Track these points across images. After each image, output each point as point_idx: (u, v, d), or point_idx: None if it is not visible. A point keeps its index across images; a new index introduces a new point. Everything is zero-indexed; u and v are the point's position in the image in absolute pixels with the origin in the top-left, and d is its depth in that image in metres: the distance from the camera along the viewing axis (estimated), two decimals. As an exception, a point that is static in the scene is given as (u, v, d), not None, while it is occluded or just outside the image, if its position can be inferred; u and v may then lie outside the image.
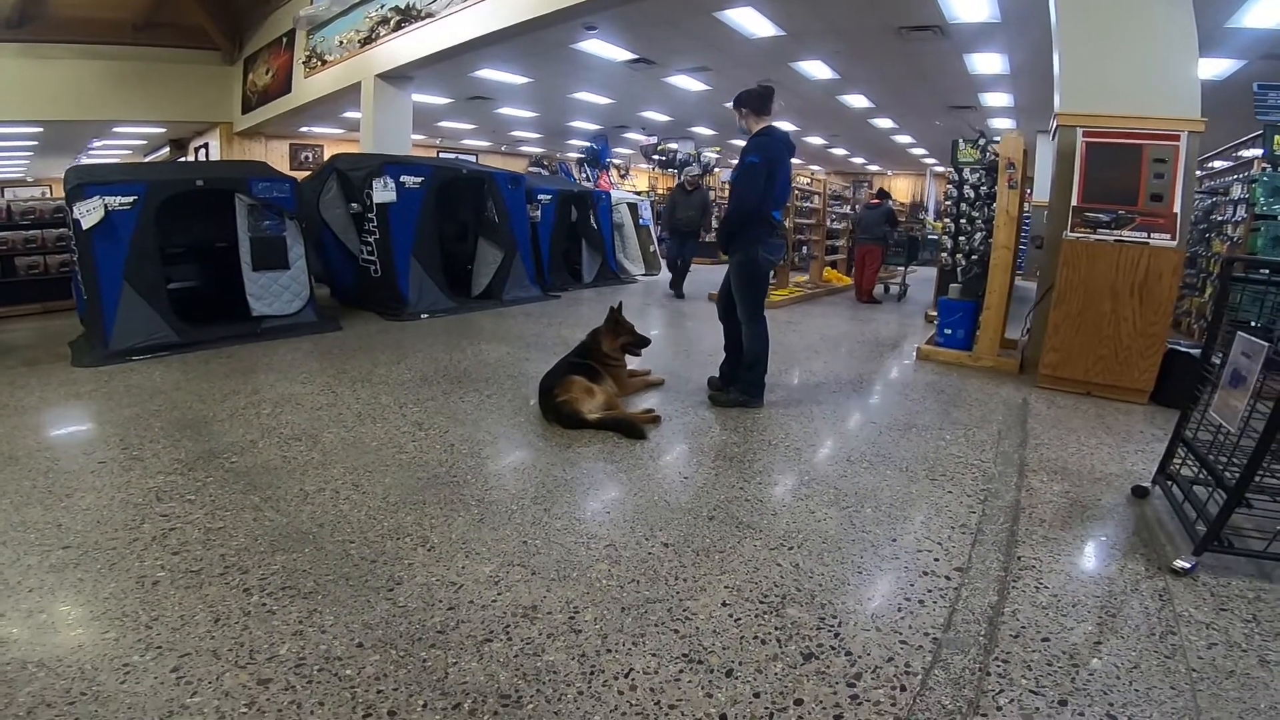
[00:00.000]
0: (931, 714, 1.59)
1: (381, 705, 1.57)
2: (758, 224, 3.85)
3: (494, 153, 21.19)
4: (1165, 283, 4.30)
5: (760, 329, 3.98)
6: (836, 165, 24.23)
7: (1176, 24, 4.58)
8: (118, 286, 4.96)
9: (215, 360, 4.95)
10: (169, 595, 1.98)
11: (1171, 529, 2.61)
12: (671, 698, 1.62)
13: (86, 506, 2.57)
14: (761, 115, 3.89)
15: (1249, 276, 2.82)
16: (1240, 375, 2.32)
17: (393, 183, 6.66)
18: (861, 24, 8.24)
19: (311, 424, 3.59)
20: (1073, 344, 4.57)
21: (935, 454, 3.40)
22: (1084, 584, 2.23)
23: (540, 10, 7.49)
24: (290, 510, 2.58)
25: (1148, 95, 4.59)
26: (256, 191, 5.66)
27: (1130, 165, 4.43)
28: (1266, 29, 6.81)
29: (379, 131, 10.25)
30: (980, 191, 6.06)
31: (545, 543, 2.37)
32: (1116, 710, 1.61)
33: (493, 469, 3.08)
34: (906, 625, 1.94)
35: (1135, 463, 3.36)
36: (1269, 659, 1.83)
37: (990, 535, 2.53)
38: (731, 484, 2.95)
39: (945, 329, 5.73)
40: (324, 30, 11.34)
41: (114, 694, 1.58)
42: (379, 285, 6.96)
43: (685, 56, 10.19)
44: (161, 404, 3.90)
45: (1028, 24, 7.30)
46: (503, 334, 6.23)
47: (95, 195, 4.87)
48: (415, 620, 1.89)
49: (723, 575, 2.18)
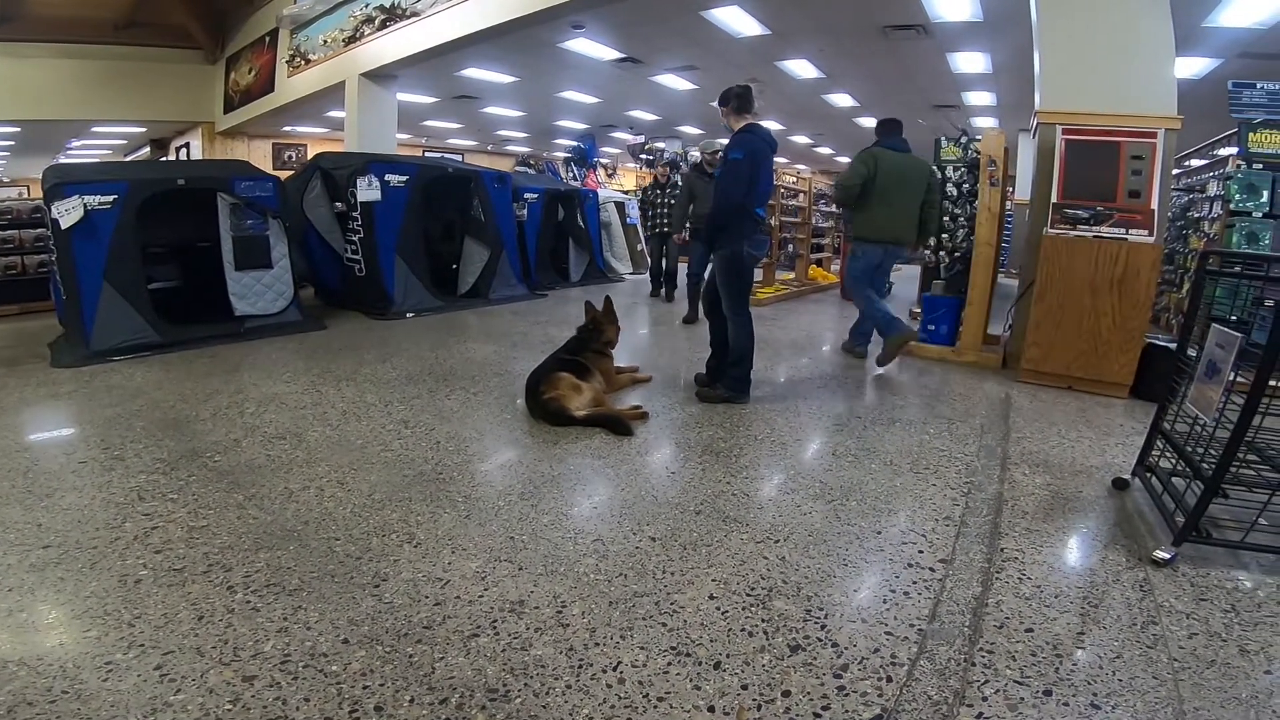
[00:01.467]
0: (918, 705, 1.60)
1: (368, 701, 1.56)
2: (742, 220, 3.87)
3: (480, 152, 21.11)
4: (1143, 278, 4.36)
5: (745, 325, 4.00)
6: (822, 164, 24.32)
7: (1154, 24, 4.64)
8: (98, 286, 4.89)
9: (198, 360, 4.90)
10: (152, 593, 1.97)
11: (1151, 520, 2.65)
12: (660, 690, 1.63)
13: (67, 506, 2.54)
14: (743, 113, 3.93)
15: (1224, 271, 2.87)
16: (1215, 367, 2.36)
17: (377, 181, 6.62)
18: (847, 23, 8.30)
19: (296, 423, 3.57)
20: (1054, 339, 4.62)
21: (919, 447, 3.43)
22: (1066, 575, 2.26)
23: (527, 9, 7.48)
24: (274, 508, 2.56)
25: (1126, 93, 4.65)
26: (239, 190, 5.61)
27: (1109, 162, 4.49)
28: (1242, 28, 6.93)
29: (363, 131, 10.20)
30: (963, 189, 6.12)
31: (532, 538, 2.36)
32: (1100, 700, 1.63)
33: (479, 466, 3.08)
34: (892, 617, 1.96)
35: (1115, 455, 3.40)
36: (1248, 649, 1.86)
37: (974, 527, 2.55)
38: (718, 479, 2.96)
39: (929, 325, 5.78)
40: (308, 29, 11.26)
41: (96, 692, 1.56)
42: (364, 284, 6.91)
43: (672, 55, 10.21)
44: (143, 404, 3.85)
45: (1009, 23, 7.38)
46: (489, 332, 6.21)
47: (74, 195, 4.80)
48: (401, 616, 1.89)
49: (710, 569, 2.19)
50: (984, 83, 10.76)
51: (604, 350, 4.19)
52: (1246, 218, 4.87)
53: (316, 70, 11.18)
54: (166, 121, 14.74)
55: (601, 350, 4.17)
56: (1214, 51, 7.68)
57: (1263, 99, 4.98)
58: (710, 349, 4.29)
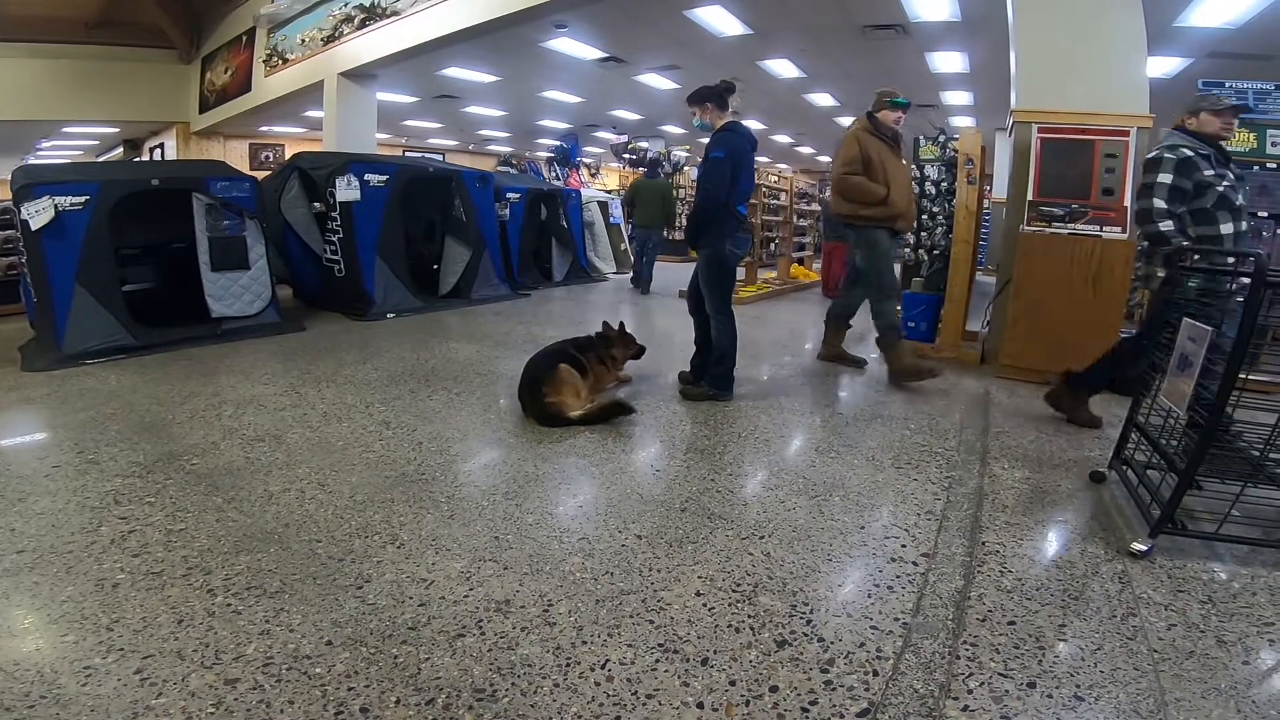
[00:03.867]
0: (904, 698, 1.62)
1: (353, 702, 1.55)
2: (724, 219, 3.88)
3: (461, 152, 20.97)
4: (1117, 274, 4.43)
5: (728, 323, 4.02)
6: (803, 163, 24.45)
7: (1127, 23, 4.73)
8: (70, 289, 4.79)
9: (174, 363, 4.82)
10: (130, 597, 1.93)
11: (1128, 513, 2.69)
12: (648, 687, 1.63)
13: (40, 511, 2.49)
14: (723, 111, 3.95)
15: (1196, 267, 2.93)
16: (1187, 360, 2.40)
17: (357, 181, 6.55)
18: (827, 22, 8.35)
19: (275, 425, 3.53)
20: (1031, 335, 4.68)
21: (901, 443, 3.46)
22: (1046, 568, 2.29)
23: (509, 8, 7.45)
24: (254, 511, 2.53)
25: (1100, 92, 4.73)
26: (215, 191, 5.52)
27: (1083, 160, 4.57)
28: (1212, 28, 7.06)
29: (342, 130, 10.09)
30: (941, 187, 6.17)
31: (517, 537, 2.35)
32: (1084, 692, 1.65)
33: (462, 466, 3.06)
34: (877, 611, 1.97)
35: (1092, 449, 3.45)
36: (1226, 640, 1.89)
37: (955, 521, 2.58)
38: (703, 476, 2.96)
39: (909, 322, 5.84)
40: (285, 29, 11.13)
41: (75, 697, 1.53)
42: (343, 285, 6.84)
43: (655, 55, 10.21)
44: (118, 407, 3.78)
45: (987, 23, 7.47)
46: (471, 332, 6.17)
47: (45, 195, 4.70)
48: (386, 617, 1.87)
49: (696, 565, 2.19)
50: (962, 82, 10.88)
51: (606, 361, 4.15)
52: (1217, 215, 4.97)
53: (294, 70, 11.04)
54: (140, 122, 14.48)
55: (604, 360, 4.12)
56: (1185, 51, 7.83)
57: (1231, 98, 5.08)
58: (694, 347, 4.30)
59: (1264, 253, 2.30)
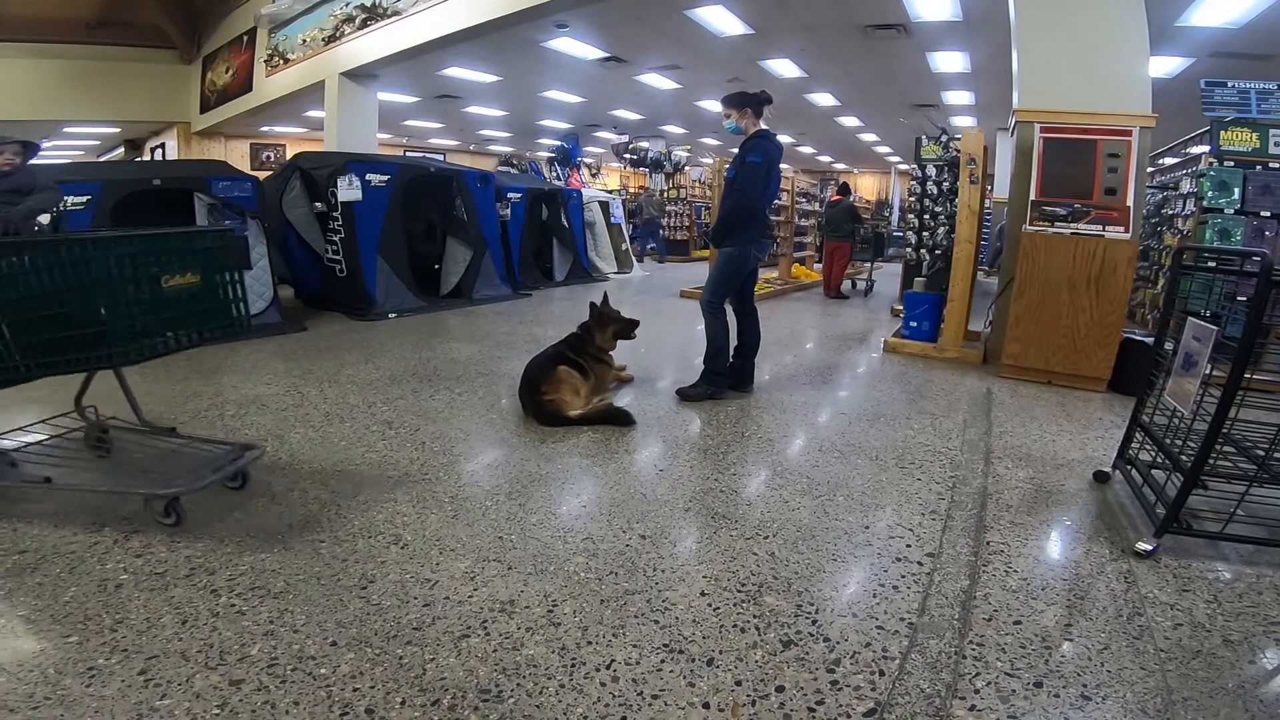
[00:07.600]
0: (911, 698, 1.61)
1: (359, 703, 1.54)
2: (754, 222, 4.00)
3: (462, 151, 21.00)
4: (1120, 274, 4.43)
5: (720, 319, 4.09)
6: (804, 163, 24.49)
7: (1129, 23, 4.73)
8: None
9: (174, 363, 4.80)
10: (133, 598, 1.93)
11: (1133, 512, 2.69)
12: (654, 688, 1.62)
13: (41, 512, 2.48)
14: (759, 119, 4.06)
15: (1198, 266, 2.92)
16: (1192, 360, 2.40)
17: (358, 181, 6.56)
18: (828, 22, 8.35)
19: (277, 425, 3.52)
20: (1033, 335, 4.68)
21: (904, 443, 3.45)
22: (1052, 567, 2.29)
23: (510, 8, 7.45)
24: (256, 511, 2.52)
25: (1102, 92, 4.73)
26: (216, 190, 5.53)
27: (1085, 160, 4.56)
28: (1214, 27, 7.06)
29: (343, 130, 10.11)
30: (943, 187, 6.18)
31: (521, 537, 2.35)
32: (1090, 691, 1.65)
33: (466, 466, 3.05)
34: (882, 611, 1.97)
35: (1096, 449, 3.45)
36: (1232, 639, 1.88)
37: (959, 521, 2.57)
38: (706, 476, 2.96)
39: (911, 322, 5.84)
40: (286, 29, 11.14)
41: (80, 697, 1.53)
42: (345, 285, 6.83)
43: (656, 54, 10.21)
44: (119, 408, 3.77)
45: (988, 23, 7.47)
46: (472, 333, 6.17)
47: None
48: (390, 618, 1.86)
49: (700, 565, 2.19)
50: (963, 82, 10.88)
51: (600, 356, 4.13)
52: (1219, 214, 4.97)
53: (295, 70, 11.06)
54: (141, 122, 14.51)
55: (598, 356, 4.10)
56: (1187, 51, 7.82)
57: (1234, 97, 5.08)
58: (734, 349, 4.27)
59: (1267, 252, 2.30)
